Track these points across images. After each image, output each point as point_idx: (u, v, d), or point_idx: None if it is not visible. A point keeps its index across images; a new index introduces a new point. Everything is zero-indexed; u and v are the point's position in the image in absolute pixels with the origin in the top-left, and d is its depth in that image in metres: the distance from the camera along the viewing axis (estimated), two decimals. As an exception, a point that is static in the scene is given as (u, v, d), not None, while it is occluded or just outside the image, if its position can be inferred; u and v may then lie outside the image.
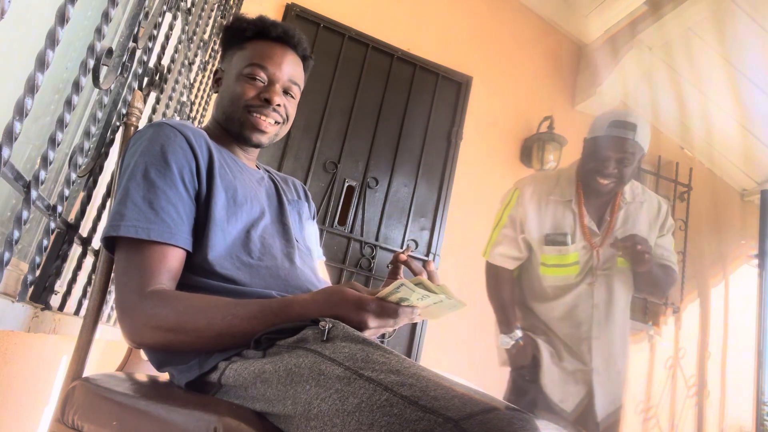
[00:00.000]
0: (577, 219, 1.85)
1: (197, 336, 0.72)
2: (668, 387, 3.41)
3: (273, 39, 1.00)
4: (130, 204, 0.78)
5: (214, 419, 0.60)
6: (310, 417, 0.57)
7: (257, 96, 0.96)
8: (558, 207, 1.88)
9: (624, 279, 1.87)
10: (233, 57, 1.00)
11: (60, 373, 1.17)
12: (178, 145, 0.84)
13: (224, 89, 1.00)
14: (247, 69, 0.96)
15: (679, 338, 3.51)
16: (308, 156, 2.91)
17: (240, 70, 0.97)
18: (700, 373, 3.50)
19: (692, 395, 3.45)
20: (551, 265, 1.87)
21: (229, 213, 0.87)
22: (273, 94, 0.96)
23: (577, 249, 1.84)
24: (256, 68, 0.96)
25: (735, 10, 2.87)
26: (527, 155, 3.35)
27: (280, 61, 0.98)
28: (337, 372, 0.59)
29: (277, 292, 0.84)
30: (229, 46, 1.03)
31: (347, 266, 2.86)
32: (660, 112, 3.63)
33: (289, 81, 0.99)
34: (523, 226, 1.89)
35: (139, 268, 0.76)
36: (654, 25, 3.02)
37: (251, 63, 0.96)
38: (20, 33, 0.89)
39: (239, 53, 0.99)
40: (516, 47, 3.52)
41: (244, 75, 0.96)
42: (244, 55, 0.98)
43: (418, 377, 0.55)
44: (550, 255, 1.86)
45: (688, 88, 3.44)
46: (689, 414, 3.41)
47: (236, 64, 0.98)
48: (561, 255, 1.85)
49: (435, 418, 0.49)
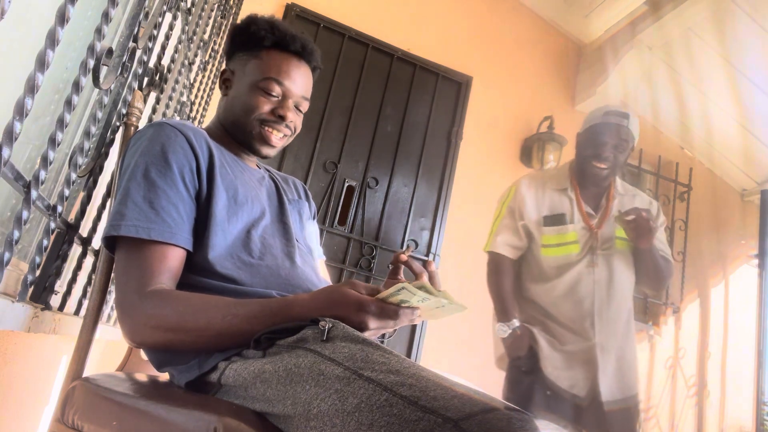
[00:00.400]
0: (575, 204, 1.90)
1: (197, 335, 0.72)
2: (668, 387, 3.41)
3: (290, 51, 0.99)
4: (130, 204, 0.78)
5: (214, 419, 0.60)
6: (310, 417, 0.57)
7: (271, 111, 0.96)
8: (554, 194, 1.94)
9: (624, 260, 1.89)
10: (247, 63, 0.98)
11: (60, 373, 1.17)
12: (178, 145, 0.84)
13: (236, 96, 0.98)
14: (263, 82, 0.95)
15: (679, 338, 3.51)
16: (308, 156, 2.91)
17: (255, 80, 0.96)
18: (700, 373, 3.50)
19: (692, 395, 3.45)
20: (552, 245, 1.89)
21: (230, 213, 0.87)
22: (286, 111, 0.96)
23: (576, 229, 1.87)
24: (272, 82, 0.96)
25: (735, 10, 2.87)
26: (527, 155, 3.35)
27: (295, 77, 0.98)
28: (337, 372, 0.59)
29: (277, 291, 0.84)
30: (241, 49, 1.00)
31: (347, 266, 2.86)
32: (660, 112, 3.63)
33: (301, 97, 1.00)
34: (522, 212, 1.93)
35: (139, 268, 0.76)
36: (654, 25, 3.02)
37: (268, 77, 0.95)
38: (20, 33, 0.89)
39: (255, 62, 0.97)
40: (516, 47, 3.52)
41: (260, 87, 0.95)
42: (260, 65, 0.97)
43: (417, 377, 0.55)
44: (550, 235, 1.89)
45: (688, 88, 3.44)
46: (689, 414, 3.41)
47: (251, 72, 0.97)
48: (560, 234, 1.88)
49: (434, 419, 0.49)
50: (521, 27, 3.57)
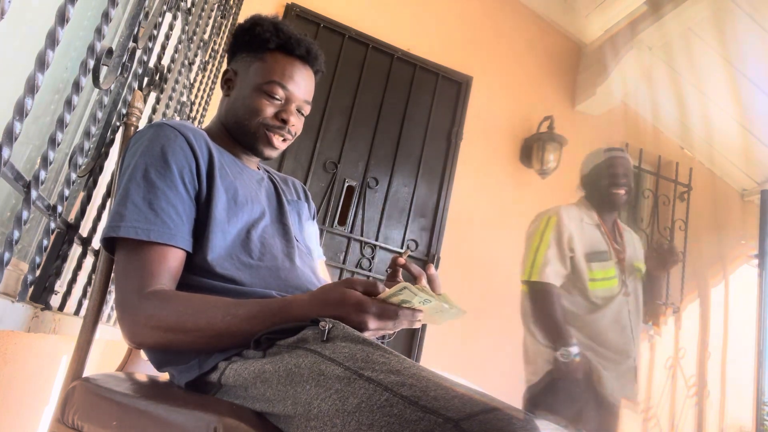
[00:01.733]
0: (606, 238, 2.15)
1: (197, 336, 0.72)
2: (668, 387, 3.41)
3: (294, 55, 0.99)
4: (130, 205, 0.78)
5: (214, 419, 0.60)
6: (310, 417, 0.57)
7: (275, 115, 0.96)
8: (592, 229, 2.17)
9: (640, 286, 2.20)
10: (251, 65, 0.97)
11: (60, 373, 1.17)
12: (178, 146, 0.84)
13: (239, 97, 0.97)
14: (267, 86, 0.95)
15: (679, 338, 3.51)
16: (308, 156, 2.91)
17: (259, 83, 0.95)
18: (700, 373, 3.50)
19: (692, 395, 3.45)
20: (599, 279, 2.11)
21: (230, 213, 0.87)
22: (289, 115, 0.97)
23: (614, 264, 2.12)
24: (276, 86, 0.95)
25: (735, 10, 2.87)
26: (527, 155, 3.35)
27: (299, 81, 0.98)
28: (337, 372, 0.59)
29: (277, 292, 0.84)
30: (244, 50, 1.00)
31: (347, 266, 2.86)
32: (660, 112, 3.63)
33: (303, 101, 1.00)
34: (572, 246, 2.11)
35: (139, 269, 0.76)
36: (654, 25, 3.02)
37: (272, 80, 0.95)
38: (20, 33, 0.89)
39: (259, 64, 0.97)
40: (516, 47, 3.52)
41: (263, 90, 0.95)
42: (265, 68, 0.96)
43: (418, 377, 0.55)
44: (597, 270, 2.11)
45: (688, 88, 3.44)
46: (689, 414, 3.41)
47: (255, 74, 0.96)
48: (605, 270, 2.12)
49: (435, 419, 0.49)
50: (521, 27, 3.57)
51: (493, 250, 3.06)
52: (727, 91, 3.35)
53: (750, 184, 3.87)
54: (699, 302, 3.64)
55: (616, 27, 3.35)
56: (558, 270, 2.08)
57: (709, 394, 3.47)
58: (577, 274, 2.09)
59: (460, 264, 3.04)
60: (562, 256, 2.09)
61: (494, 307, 2.82)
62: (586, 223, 2.16)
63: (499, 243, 3.02)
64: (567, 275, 2.10)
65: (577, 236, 2.11)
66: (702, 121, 3.60)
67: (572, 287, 2.10)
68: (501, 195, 3.27)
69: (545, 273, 2.07)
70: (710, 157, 3.80)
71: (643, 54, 3.19)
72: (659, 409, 3.34)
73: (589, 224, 2.16)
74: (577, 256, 2.10)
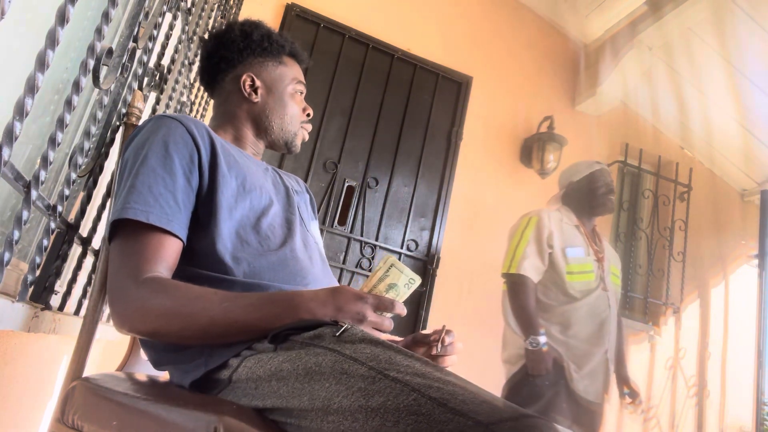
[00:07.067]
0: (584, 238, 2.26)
1: (189, 321, 0.71)
2: (668, 387, 3.41)
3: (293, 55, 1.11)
4: (130, 189, 0.79)
5: (215, 419, 0.60)
6: (329, 411, 0.57)
7: (305, 111, 1.11)
8: (571, 229, 2.26)
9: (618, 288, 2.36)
10: (275, 70, 1.07)
11: (60, 373, 1.17)
12: (179, 136, 0.85)
13: (269, 101, 1.05)
14: (298, 86, 1.08)
15: (679, 338, 3.51)
16: (308, 156, 2.91)
17: (289, 87, 1.07)
18: (700, 373, 3.50)
19: (692, 395, 3.45)
20: (576, 272, 2.19)
21: (239, 200, 0.87)
22: (309, 108, 1.11)
23: (590, 261, 2.22)
24: (301, 85, 1.10)
25: (735, 10, 2.87)
26: (527, 155, 3.35)
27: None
28: (361, 371, 0.58)
29: (283, 282, 0.84)
30: (261, 56, 1.06)
31: (347, 266, 2.86)
32: (660, 112, 3.63)
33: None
34: (551, 243, 2.18)
35: (135, 254, 0.76)
36: (654, 25, 3.02)
37: (299, 81, 1.09)
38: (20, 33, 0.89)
39: (281, 68, 1.07)
40: (516, 47, 3.52)
41: (295, 92, 1.08)
42: (288, 72, 1.08)
43: (443, 381, 0.55)
44: (574, 264, 2.19)
45: (688, 88, 3.44)
46: (689, 414, 3.41)
47: (281, 78, 1.06)
48: (582, 264, 2.20)
49: (465, 421, 0.49)
50: (521, 27, 3.57)
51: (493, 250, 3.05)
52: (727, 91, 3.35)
53: (750, 184, 3.88)
54: (699, 302, 3.64)
55: (616, 27, 3.35)
56: (536, 264, 2.15)
57: (709, 394, 3.47)
58: (555, 269, 2.17)
59: (460, 264, 3.04)
60: (540, 251, 2.17)
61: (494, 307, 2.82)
62: (565, 223, 2.26)
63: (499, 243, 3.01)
64: (545, 271, 2.18)
65: (557, 234, 2.20)
66: (702, 121, 3.60)
67: (550, 282, 2.19)
68: (501, 195, 3.27)
69: (523, 266, 2.14)
70: (710, 157, 3.80)
71: (643, 54, 3.19)
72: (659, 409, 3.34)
73: (569, 225, 2.26)
74: (555, 251, 2.18)
